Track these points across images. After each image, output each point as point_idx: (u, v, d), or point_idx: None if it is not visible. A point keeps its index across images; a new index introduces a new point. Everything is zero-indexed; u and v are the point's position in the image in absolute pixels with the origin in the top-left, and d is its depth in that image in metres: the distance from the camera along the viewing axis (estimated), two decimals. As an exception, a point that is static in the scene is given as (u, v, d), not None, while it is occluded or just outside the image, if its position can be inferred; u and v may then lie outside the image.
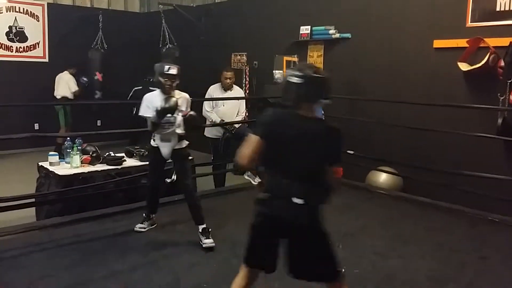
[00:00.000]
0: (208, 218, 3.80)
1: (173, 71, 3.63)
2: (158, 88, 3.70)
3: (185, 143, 3.83)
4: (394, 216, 4.59)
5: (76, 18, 8.47)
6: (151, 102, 3.65)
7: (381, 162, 5.45)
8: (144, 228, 3.99)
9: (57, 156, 4.59)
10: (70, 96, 7.86)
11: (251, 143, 2.25)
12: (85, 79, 7.96)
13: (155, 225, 4.07)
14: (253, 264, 2.39)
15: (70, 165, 4.48)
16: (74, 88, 7.86)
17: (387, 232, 4.09)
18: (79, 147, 4.60)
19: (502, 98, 4.56)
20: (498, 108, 4.58)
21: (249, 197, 5.11)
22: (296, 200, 2.17)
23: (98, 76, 8.09)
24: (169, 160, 3.84)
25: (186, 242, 3.78)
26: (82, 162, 4.55)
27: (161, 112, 3.54)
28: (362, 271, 3.35)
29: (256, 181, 5.97)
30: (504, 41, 4.55)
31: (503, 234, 4.19)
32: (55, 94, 7.85)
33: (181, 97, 3.70)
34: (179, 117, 3.66)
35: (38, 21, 8.41)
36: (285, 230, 2.25)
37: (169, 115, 3.59)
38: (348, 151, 5.35)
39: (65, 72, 7.93)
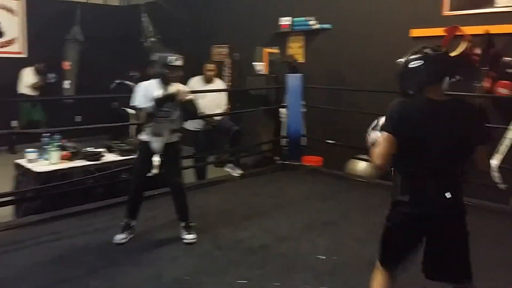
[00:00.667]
0: (190, 211, 3.79)
1: (179, 62, 3.47)
2: (158, 78, 3.52)
3: (176, 136, 3.69)
4: (373, 204, 4.62)
5: (56, 12, 8.32)
6: (147, 91, 3.45)
7: (361, 151, 5.49)
8: (125, 238, 3.62)
9: (35, 153, 4.53)
10: (29, 92, 7.61)
11: (384, 142, 2.05)
12: (52, 75, 7.79)
13: (133, 235, 3.69)
14: (394, 266, 2.22)
15: (48, 162, 4.44)
16: (31, 81, 7.61)
17: (367, 219, 4.13)
18: (57, 143, 4.55)
19: (478, 85, 4.62)
20: (474, 95, 4.65)
21: (230, 189, 5.21)
22: (448, 195, 2.04)
23: (65, 65, 7.90)
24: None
25: (167, 235, 3.78)
26: (61, 158, 4.50)
27: (162, 100, 3.38)
28: (343, 258, 3.40)
29: (237, 173, 6.05)
30: (479, 29, 4.60)
31: (479, 218, 4.20)
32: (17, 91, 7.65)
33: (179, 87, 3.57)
34: (176, 112, 3.54)
35: (16, 16, 8.25)
36: (434, 227, 2.10)
37: (166, 107, 3.45)
38: (328, 141, 5.40)
39: (28, 68, 7.70)
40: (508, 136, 4.16)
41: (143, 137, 3.62)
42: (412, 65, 2.08)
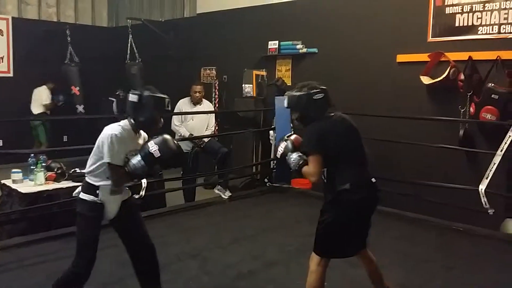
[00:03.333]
0: (178, 233, 3.76)
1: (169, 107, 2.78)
2: (139, 124, 2.67)
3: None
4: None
5: (42, 32, 8.31)
6: (126, 144, 2.60)
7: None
8: None
9: (21, 174, 4.47)
10: (44, 110, 7.77)
11: (316, 162, 2.58)
12: (61, 97, 7.85)
13: None
14: (338, 254, 2.72)
15: (34, 183, 4.37)
16: (46, 100, 7.73)
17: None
18: (43, 164, 4.50)
19: (462, 110, 4.73)
20: (460, 120, 4.74)
21: (219, 212, 5.17)
22: (373, 179, 2.69)
23: (75, 90, 7.92)
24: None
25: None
26: (46, 179, 4.44)
27: (167, 160, 2.61)
28: (333, 282, 3.37)
29: (226, 195, 6.02)
30: (463, 56, 4.72)
31: (468, 243, 4.30)
32: (32, 110, 7.72)
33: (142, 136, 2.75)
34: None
35: (2, 35, 8.21)
36: (371, 208, 2.71)
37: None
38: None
39: (43, 86, 7.80)
40: (495, 161, 4.23)
41: (92, 198, 2.61)
42: (316, 97, 2.69)
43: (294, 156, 2.75)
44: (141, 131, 2.72)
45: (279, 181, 6.10)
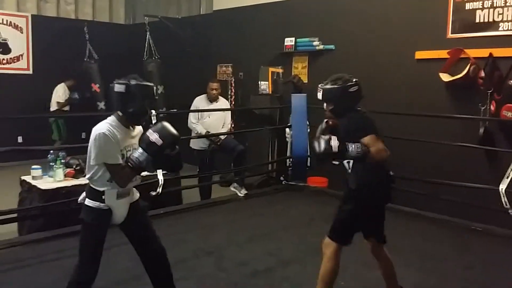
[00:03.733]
0: (194, 230, 3.77)
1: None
2: (128, 116, 2.55)
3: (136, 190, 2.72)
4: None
5: (61, 30, 8.40)
6: (118, 139, 2.47)
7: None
8: None
9: (40, 170, 4.53)
10: (60, 107, 7.84)
11: (377, 139, 2.63)
12: (75, 95, 7.91)
13: None
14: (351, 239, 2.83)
15: (53, 179, 4.43)
16: (60, 97, 7.82)
17: (372, 243, 4.10)
18: (62, 160, 4.56)
19: (483, 108, 4.64)
20: (480, 118, 4.66)
21: (235, 209, 5.18)
22: (391, 172, 2.83)
23: (95, 87, 7.99)
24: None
25: (169, 257, 3.73)
26: (65, 176, 4.49)
27: (167, 145, 2.46)
28: (349, 282, 3.35)
29: (242, 193, 6.03)
30: (484, 52, 4.63)
31: (487, 243, 4.23)
32: (50, 107, 7.84)
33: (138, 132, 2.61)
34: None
35: (22, 32, 8.33)
36: (388, 200, 2.86)
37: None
38: (334, 162, 5.37)
39: (62, 84, 7.90)
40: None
41: (98, 204, 2.48)
42: (352, 89, 2.79)
43: (352, 146, 2.57)
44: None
45: (294, 179, 6.08)
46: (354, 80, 2.83)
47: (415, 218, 4.87)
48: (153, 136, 2.41)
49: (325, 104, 2.86)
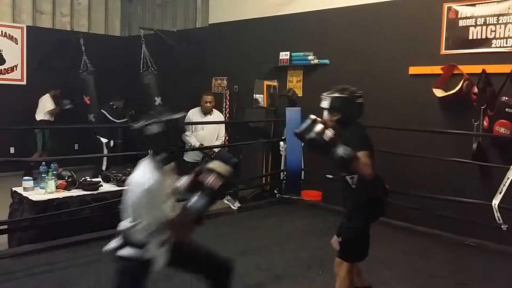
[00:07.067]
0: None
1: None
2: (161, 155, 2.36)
3: None
4: (372, 241, 4.58)
5: (56, 41, 8.40)
6: (163, 186, 2.35)
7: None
8: None
9: (32, 181, 4.49)
10: (48, 118, 7.77)
11: (368, 157, 2.61)
12: (67, 101, 7.89)
13: None
14: (364, 256, 2.87)
15: (44, 191, 4.38)
16: (50, 107, 7.77)
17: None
18: (54, 172, 4.52)
19: (476, 123, 4.66)
20: (473, 134, 4.68)
21: (228, 223, 5.14)
22: (387, 186, 2.88)
23: (85, 99, 7.98)
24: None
25: (159, 272, 3.67)
26: (57, 187, 4.45)
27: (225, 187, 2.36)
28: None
29: (235, 206, 5.98)
30: (477, 68, 4.66)
31: (480, 259, 4.22)
32: (36, 117, 7.78)
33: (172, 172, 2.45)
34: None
35: (17, 43, 8.33)
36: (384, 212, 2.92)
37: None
38: (327, 175, 5.38)
39: (46, 94, 7.87)
40: (509, 175, 4.15)
41: (142, 253, 2.27)
42: (359, 100, 2.79)
43: (342, 146, 2.53)
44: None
45: (288, 193, 6.06)
46: (359, 92, 2.83)
47: (408, 233, 4.85)
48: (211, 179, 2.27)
49: (326, 113, 2.79)
